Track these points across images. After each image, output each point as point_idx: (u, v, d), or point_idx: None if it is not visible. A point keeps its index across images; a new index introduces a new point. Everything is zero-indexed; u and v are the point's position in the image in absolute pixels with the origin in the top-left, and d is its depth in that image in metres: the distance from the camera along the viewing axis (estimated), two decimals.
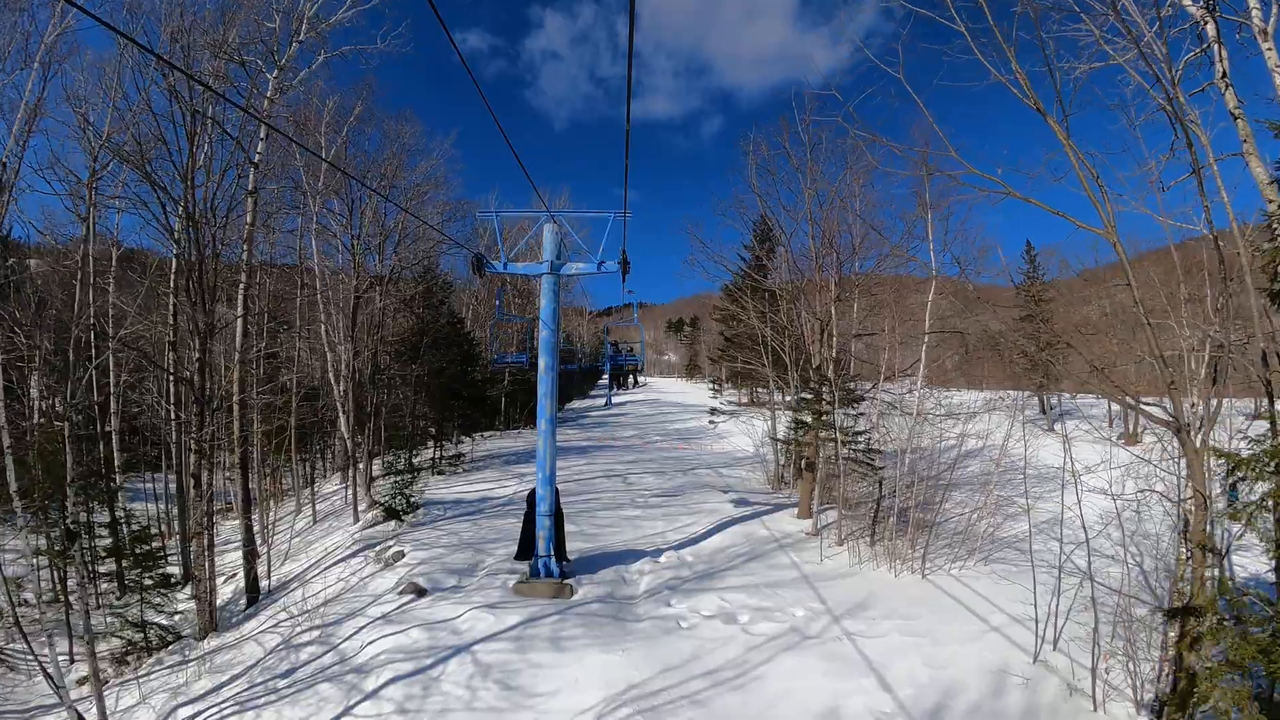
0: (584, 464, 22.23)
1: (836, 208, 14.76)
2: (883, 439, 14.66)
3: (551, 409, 10.49)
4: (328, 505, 23.53)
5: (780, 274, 16.43)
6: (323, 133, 21.47)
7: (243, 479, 17.21)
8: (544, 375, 10.47)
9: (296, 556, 18.80)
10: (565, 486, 18.26)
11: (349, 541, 16.84)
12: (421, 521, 16.38)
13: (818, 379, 13.11)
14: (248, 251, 17.75)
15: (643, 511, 15.43)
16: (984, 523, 13.93)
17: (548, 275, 10.64)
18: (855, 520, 14.80)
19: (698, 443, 29.43)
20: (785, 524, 15.02)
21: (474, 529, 14.81)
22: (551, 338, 10.50)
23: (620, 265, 10.38)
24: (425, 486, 19.21)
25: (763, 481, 19.87)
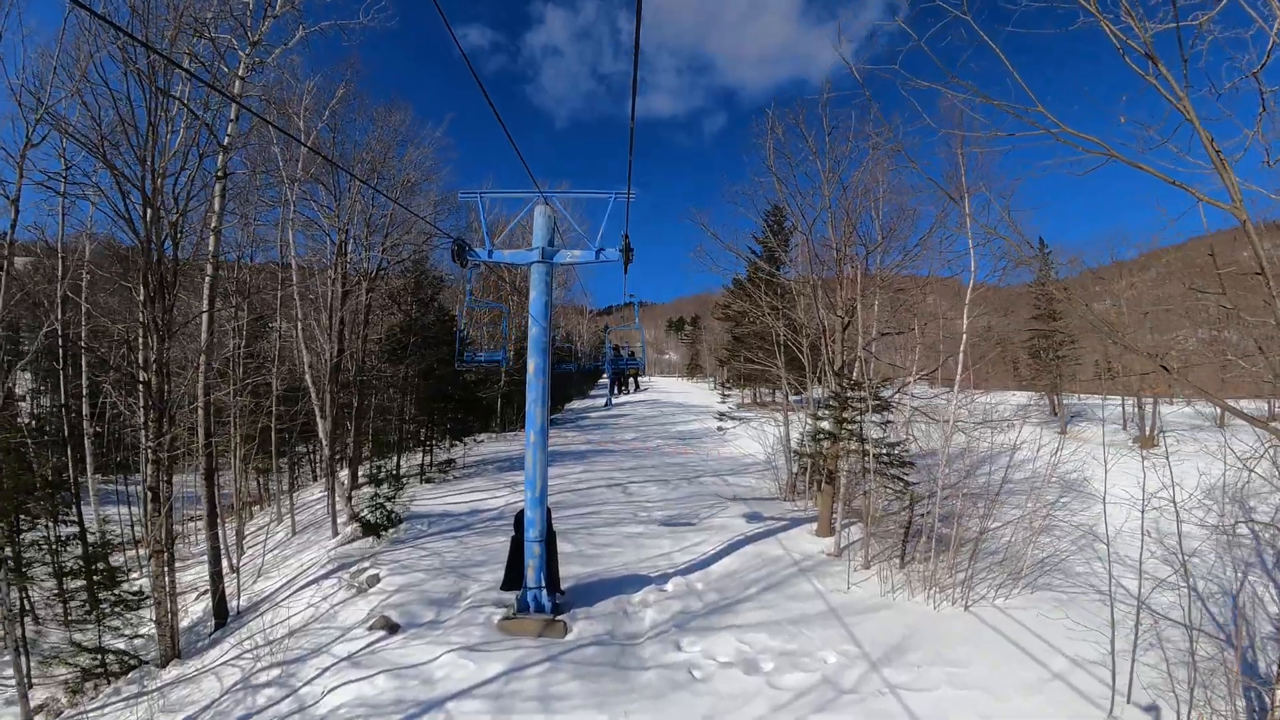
0: (582, 471, 20.76)
1: (860, 193, 13.27)
2: (909, 449, 13.22)
3: (542, 418, 9.02)
4: (310, 515, 22.10)
5: (797, 266, 14.97)
6: (302, 115, 19.98)
7: (208, 491, 15.75)
8: (534, 379, 9.00)
9: (271, 573, 17.37)
10: (562, 498, 16.86)
11: (324, 559, 15.39)
12: (403, 538, 14.91)
13: (846, 383, 11.62)
14: (214, 241, 16.31)
15: (645, 528, 13.96)
16: (1029, 543, 12.48)
17: (538, 263, 9.17)
18: (881, 538, 13.36)
19: (702, 446, 27.96)
20: (804, 542, 13.55)
21: (459, 548, 13.35)
22: (542, 336, 9.03)
23: (622, 252, 8.92)
24: (411, 497, 17.76)
25: (774, 490, 18.41)
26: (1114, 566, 14.66)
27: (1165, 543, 17.25)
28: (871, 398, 11.40)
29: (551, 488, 19.12)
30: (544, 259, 9.15)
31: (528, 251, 9.37)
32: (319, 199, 23.05)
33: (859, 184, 12.70)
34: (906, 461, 11.39)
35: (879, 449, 11.03)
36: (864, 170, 13.21)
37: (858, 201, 13.54)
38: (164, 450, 14.40)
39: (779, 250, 16.47)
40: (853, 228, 13.26)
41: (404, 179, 23.99)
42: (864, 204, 13.52)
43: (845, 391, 11.59)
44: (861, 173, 13.28)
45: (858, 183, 12.70)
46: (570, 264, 9.21)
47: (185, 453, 20.06)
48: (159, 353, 14.53)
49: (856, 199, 13.44)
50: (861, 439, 11.43)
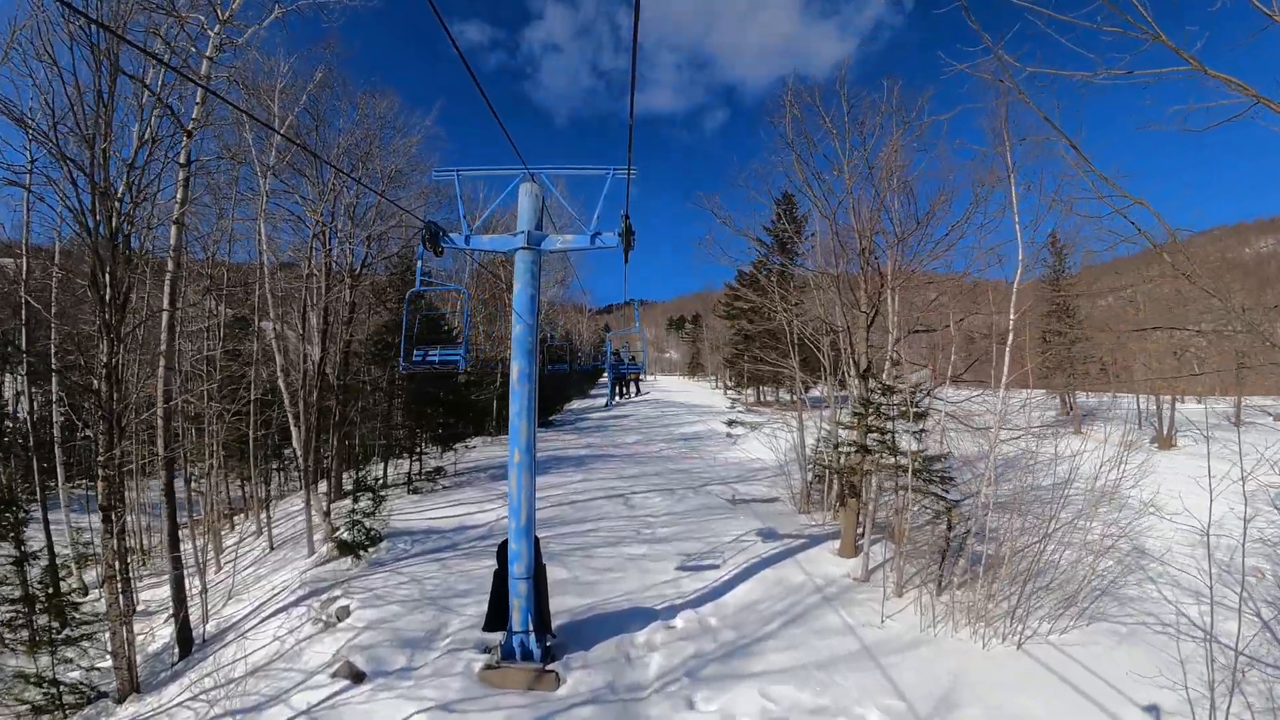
0: (580, 479, 19.36)
1: (886, 174, 11.83)
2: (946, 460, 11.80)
3: (529, 432, 7.60)
4: (291, 526, 20.70)
5: (815, 256, 13.55)
6: (276, 99, 18.52)
7: (168, 508, 14.35)
8: (518, 385, 7.58)
9: (243, 595, 15.97)
10: (558, 512, 15.44)
11: (296, 583, 13.99)
12: (383, 559, 13.52)
13: (877, 388, 10.20)
14: (176, 234, 14.92)
15: (650, 549, 12.54)
16: (1087, 568, 11.08)
17: (523, 250, 7.76)
18: (911, 557, 11.98)
19: (706, 450, 26.56)
20: (826, 564, 12.15)
21: (441, 574, 11.94)
22: (528, 334, 7.61)
23: (621, 236, 7.51)
24: (392, 511, 16.34)
25: (787, 501, 17.01)
26: (1167, 588, 13.30)
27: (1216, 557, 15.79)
28: (908, 405, 9.96)
29: (547, 499, 17.85)
30: (530, 245, 7.73)
31: (511, 236, 7.95)
32: (304, 193, 21.73)
33: (886, 163, 11.27)
34: (947, 478, 9.96)
35: (918, 463, 9.60)
36: (891, 149, 11.76)
37: (881, 185, 12.11)
38: (114, 465, 13.01)
39: (794, 239, 14.97)
40: (880, 212, 11.82)
41: (390, 168, 22.61)
42: (889, 187, 12.09)
43: (877, 398, 10.17)
44: (889, 151, 11.84)
45: (886, 162, 11.26)
46: (561, 250, 7.80)
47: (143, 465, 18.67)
48: (110, 357, 13.15)
49: (881, 181, 12.00)
50: (895, 451, 10.00)
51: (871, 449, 10.25)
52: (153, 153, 14.46)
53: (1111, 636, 10.74)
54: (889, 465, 10.08)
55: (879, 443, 10.23)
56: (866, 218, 12.35)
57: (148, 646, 15.42)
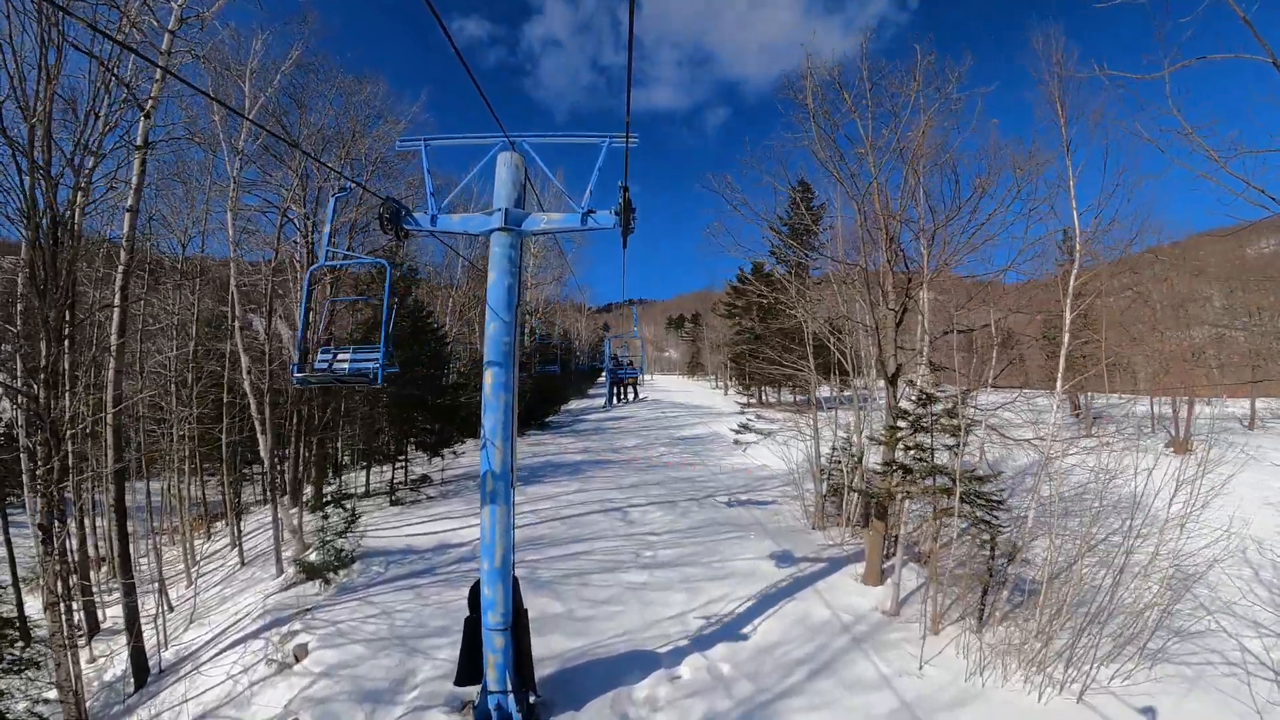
0: (575, 489, 17.97)
1: (922, 154, 10.44)
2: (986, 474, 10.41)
3: (505, 456, 6.21)
4: (266, 540, 19.31)
5: (836, 247, 12.15)
6: (248, 80, 17.09)
7: (119, 526, 13.00)
8: (492, 397, 6.18)
9: (206, 618, 14.57)
10: (550, 530, 14.01)
11: (259, 608, 12.61)
12: (353, 585, 12.13)
13: (919, 396, 8.81)
14: (129, 222, 13.54)
15: (651, 575, 11.16)
16: (1146, 599, 9.70)
17: (500, 232, 6.36)
18: (942, 583, 10.64)
19: (709, 455, 25.18)
20: (849, 594, 10.77)
21: (414, 605, 10.55)
22: (505, 334, 6.21)
23: (618, 214, 6.12)
24: (368, 527, 14.96)
25: (798, 515, 15.63)
26: (1222, 617, 11.90)
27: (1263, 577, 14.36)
28: (954, 416, 8.57)
29: (539, 513, 16.46)
30: (508, 225, 6.33)
31: (485, 216, 6.55)
32: (286, 182, 20.32)
33: (918, 142, 9.86)
34: (997, 501, 8.58)
35: (967, 486, 8.21)
36: (924, 125, 10.35)
37: (910, 168, 10.69)
38: (53, 479, 11.60)
39: (812, 228, 13.53)
40: (911, 197, 10.43)
41: (375, 156, 21.18)
42: (920, 169, 10.67)
43: (915, 409, 8.77)
44: (921, 129, 10.43)
45: (918, 140, 9.85)
46: (546, 232, 6.41)
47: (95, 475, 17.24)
48: (49, 359, 11.75)
49: (914, 162, 10.59)
50: (939, 471, 8.61)
51: (912, 469, 8.85)
52: (105, 132, 13.14)
53: (1179, 682, 9.39)
54: (933, 490, 8.68)
55: (919, 460, 8.85)
56: (896, 203, 10.96)
57: (106, 672, 14.07)
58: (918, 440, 8.91)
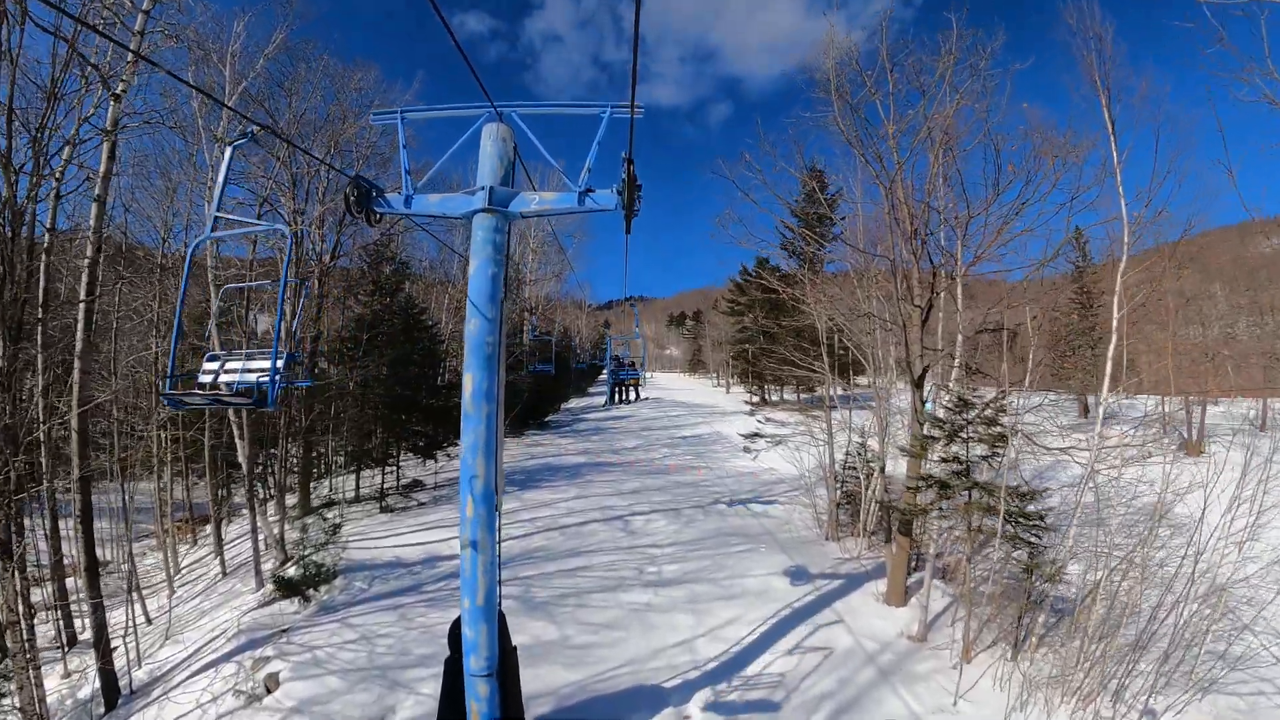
0: (574, 495, 17.07)
1: (951, 135, 9.52)
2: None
3: (488, 476, 5.30)
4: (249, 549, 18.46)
5: (855, 237, 11.21)
6: (228, 64, 16.17)
7: (85, 536, 12.12)
8: (473, 409, 5.27)
9: (182, 634, 13.70)
10: (546, 542, 13.08)
11: (234, 627, 11.75)
12: (333, 603, 11.26)
13: (954, 402, 7.91)
14: (97, 212, 12.67)
15: (656, 595, 10.27)
16: (1197, 622, 8.82)
17: (484, 213, 5.46)
18: (970, 603, 9.77)
19: (713, 457, 24.30)
20: (871, 617, 9.89)
21: (398, 628, 9.67)
22: (490, 332, 5.31)
23: (621, 193, 5.22)
24: (353, 537, 14.08)
25: (809, 523, 14.74)
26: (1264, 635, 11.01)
27: None
28: (991, 425, 7.66)
29: (536, 522, 15.56)
30: (492, 206, 5.43)
31: (467, 196, 5.64)
32: (277, 177, 19.44)
33: (945, 123, 8.94)
34: (1041, 521, 7.69)
35: (1011, 505, 7.32)
36: (955, 105, 9.42)
37: (937, 153, 9.76)
38: (9, 490, 10.79)
39: (829, 214, 12.50)
40: (940, 182, 9.52)
41: (364, 145, 20.29)
42: (948, 154, 9.75)
43: (952, 416, 7.87)
44: (946, 113, 9.50)
45: (945, 121, 8.93)
46: (538, 214, 5.51)
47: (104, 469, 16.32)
48: (6, 358, 10.95)
49: (943, 145, 9.67)
50: (976, 486, 7.71)
51: (950, 485, 7.95)
52: (67, 115, 12.26)
53: (1233, 715, 8.56)
54: (974, 506, 7.77)
55: (957, 474, 7.94)
56: (922, 190, 10.02)
57: (81, 689, 13.22)
58: (954, 452, 8.01)
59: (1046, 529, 7.94)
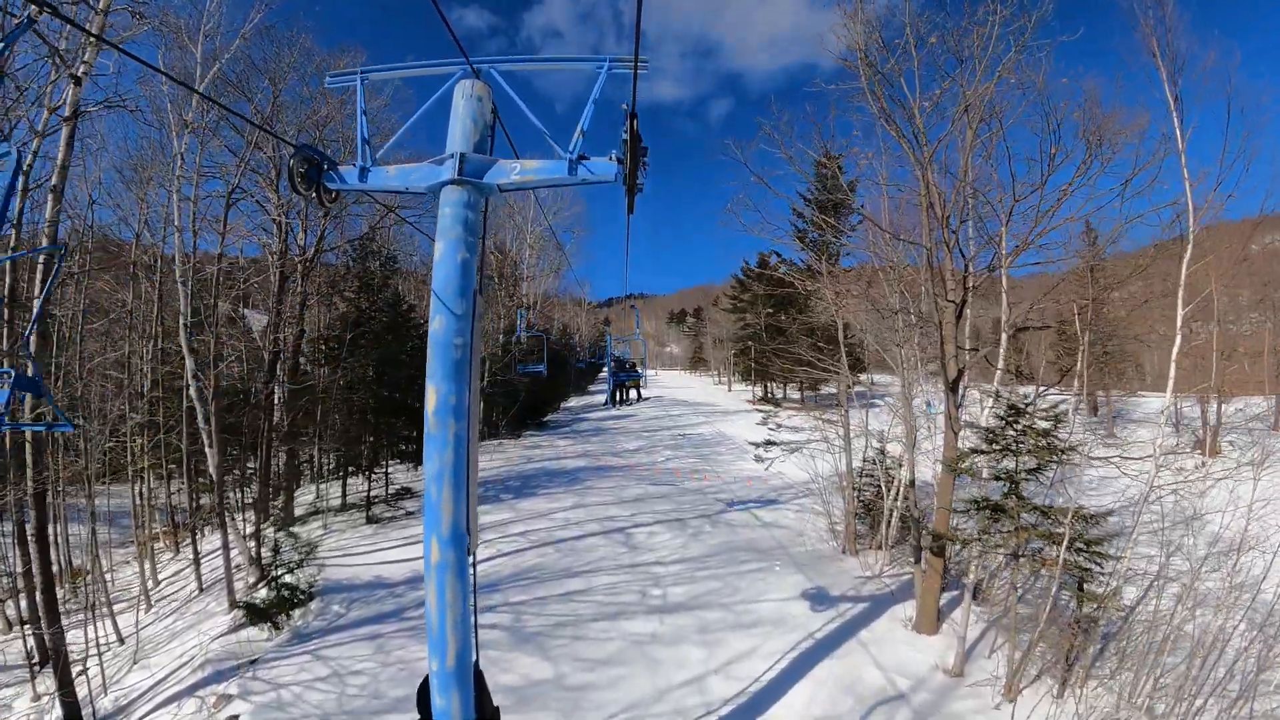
0: (571, 504, 16.04)
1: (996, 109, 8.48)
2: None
3: (455, 511, 4.26)
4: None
5: (880, 223, 10.14)
6: (199, 44, 15.09)
7: (40, 556, 11.14)
8: (436, 427, 4.22)
9: (151, 658, 12.69)
10: (541, 560, 11.89)
11: (200, 655, 10.75)
12: (307, 629, 10.26)
13: (1007, 411, 6.87)
14: (52, 204, 11.58)
15: (660, 623, 9.26)
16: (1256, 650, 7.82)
17: (454, 186, 4.43)
18: (1003, 632, 8.77)
19: (719, 460, 23.30)
20: (901, 646, 8.88)
21: (373, 662, 8.67)
22: (457, 331, 4.26)
23: (621, 160, 4.19)
24: (332, 555, 13.06)
25: (824, 533, 13.75)
26: None
27: None
28: (1043, 436, 6.62)
29: (530, 536, 14.36)
30: (464, 177, 4.39)
31: (434, 166, 4.61)
32: (262, 168, 18.41)
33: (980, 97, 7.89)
34: (1098, 548, 6.66)
35: (1076, 528, 6.29)
36: (992, 83, 8.36)
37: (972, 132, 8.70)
38: None
39: (850, 199, 11.37)
40: (977, 166, 8.47)
41: (350, 134, 19.19)
42: (979, 138, 8.69)
43: (1005, 429, 6.83)
44: (984, 89, 8.42)
45: (986, 97, 7.88)
46: (520, 186, 4.48)
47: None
48: None
49: (980, 121, 8.62)
50: (1030, 508, 6.68)
51: (1005, 508, 6.91)
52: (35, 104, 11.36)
53: None
54: (1040, 534, 6.73)
55: (1011, 496, 6.91)
56: (950, 177, 8.97)
57: (49, 713, 12.26)
58: (1004, 467, 6.98)
59: (1110, 558, 6.90)
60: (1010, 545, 6.89)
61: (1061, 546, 6.50)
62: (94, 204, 18.07)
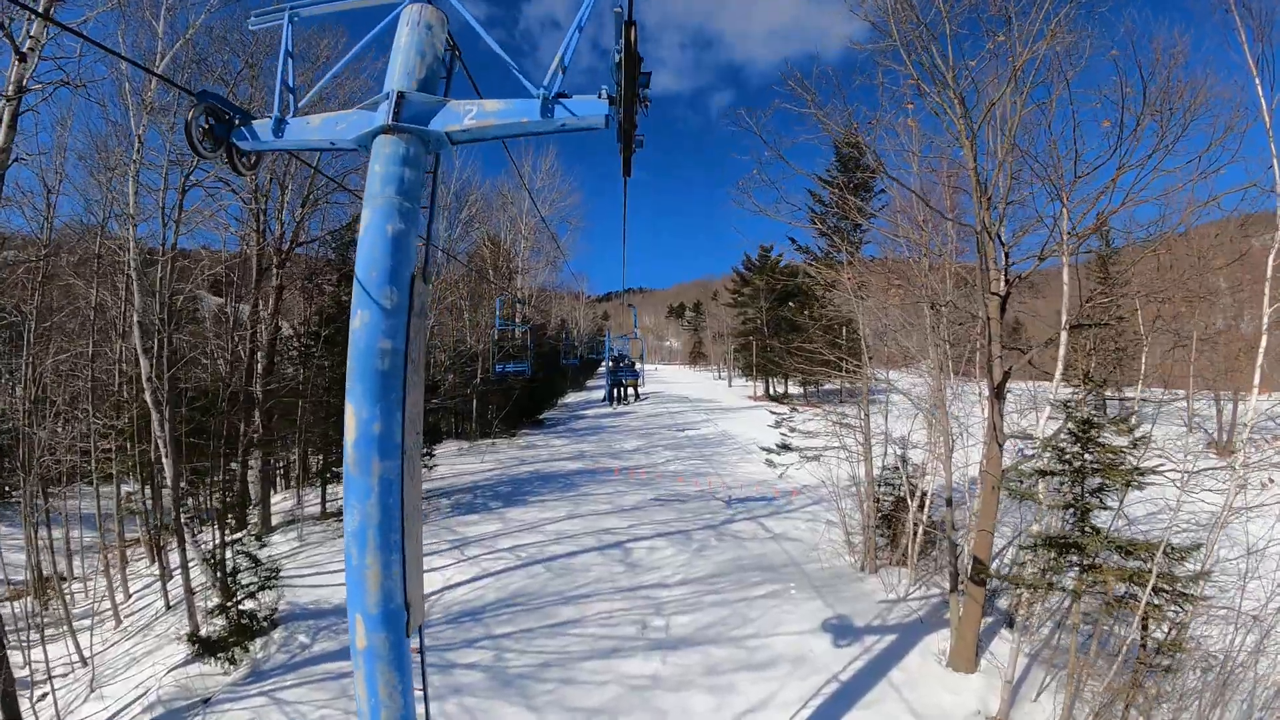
0: (565, 515, 14.90)
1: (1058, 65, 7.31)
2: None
3: (385, 587, 3.09)
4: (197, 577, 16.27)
5: (910, 209, 8.96)
6: (162, 17, 13.88)
7: None
8: (357, 471, 3.06)
9: (110, 685, 11.59)
10: (528, 581, 10.49)
11: (154, 690, 9.62)
12: (268, 663, 9.15)
13: (1078, 426, 5.72)
14: None
15: (663, 661, 8.13)
16: None
17: (388, 135, 3.26)
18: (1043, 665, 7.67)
19: (722, 462, 22.19)
20: (936, 687, 7.77)
21: (336, 710, 7.53)
22: (387, 330, 3.10)
23: (615, 99, 3.02)
24: (299, 571, 11.94)
25: (839, 546, 12.65)
26: None
27: None
28: (1115, 454, 5.47)
29: (520, 550, 12.56)
30: (402, 122, 3.23)
31: (365, 111, 3.44)
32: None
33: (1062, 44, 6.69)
34: (1187, 593, 5.52)
35: (1165, 563, 5.15)
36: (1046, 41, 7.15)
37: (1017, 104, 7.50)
38: None
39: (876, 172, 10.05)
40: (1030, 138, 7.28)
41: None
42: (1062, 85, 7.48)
43: (1083, 437, 5.68)
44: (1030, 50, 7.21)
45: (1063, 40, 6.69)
46: (478, 134, 3.31)
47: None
48: None
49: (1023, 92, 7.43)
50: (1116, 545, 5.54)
51: (1084, 545, 5.76)
52: None
53: None
54: (1122, 575, 5.59)
55: (1084, 530, 5.77)
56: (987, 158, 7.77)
57: None
58: (1081, 499, 5.82)
59: (1198, 599, 5.76)
60: (1080, 587, 5.76)
61: (1146, 589, 5.35)
62: (52, 192, 16.87)
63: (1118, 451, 5.87)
